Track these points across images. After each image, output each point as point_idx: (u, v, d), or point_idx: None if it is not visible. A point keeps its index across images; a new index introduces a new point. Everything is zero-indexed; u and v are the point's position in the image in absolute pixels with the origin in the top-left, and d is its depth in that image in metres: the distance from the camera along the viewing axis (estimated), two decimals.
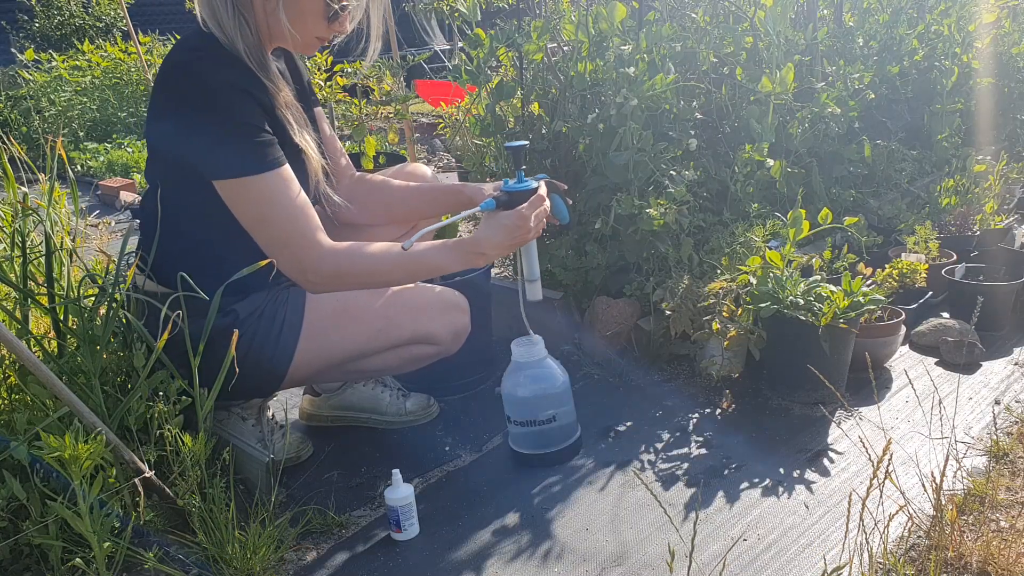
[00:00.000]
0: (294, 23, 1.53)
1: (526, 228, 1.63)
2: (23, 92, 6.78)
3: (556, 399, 1.78)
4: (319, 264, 1.56)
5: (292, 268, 1.57)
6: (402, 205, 1.90)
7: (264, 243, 1.55)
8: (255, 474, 1.71)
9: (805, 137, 2.57)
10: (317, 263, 1.55)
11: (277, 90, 1.56)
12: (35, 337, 1.67)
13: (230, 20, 1.48)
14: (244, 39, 1.50)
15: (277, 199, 1.52)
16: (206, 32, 1.52)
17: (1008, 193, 3.00)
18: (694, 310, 2.09)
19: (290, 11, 1.51)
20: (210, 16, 1.50)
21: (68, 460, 1.26)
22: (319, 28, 1.55)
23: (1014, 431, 1.80)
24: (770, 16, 2.49)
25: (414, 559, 1.53)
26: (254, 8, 1.52)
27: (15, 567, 1.45)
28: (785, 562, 1.44)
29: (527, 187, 1.67)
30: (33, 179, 2.72)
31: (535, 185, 1.69)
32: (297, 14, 1.52)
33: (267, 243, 1.55)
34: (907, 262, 2.33)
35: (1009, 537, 1.43)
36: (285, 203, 1.52)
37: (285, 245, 1.54)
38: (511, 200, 1.67)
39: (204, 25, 1.53)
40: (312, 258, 1.55)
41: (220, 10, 1.48)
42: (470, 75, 2.36)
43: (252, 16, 1.52)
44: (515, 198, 1.67)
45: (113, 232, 4.14)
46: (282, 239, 1.54)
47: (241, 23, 1.49)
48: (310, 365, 1.71)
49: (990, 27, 3.31)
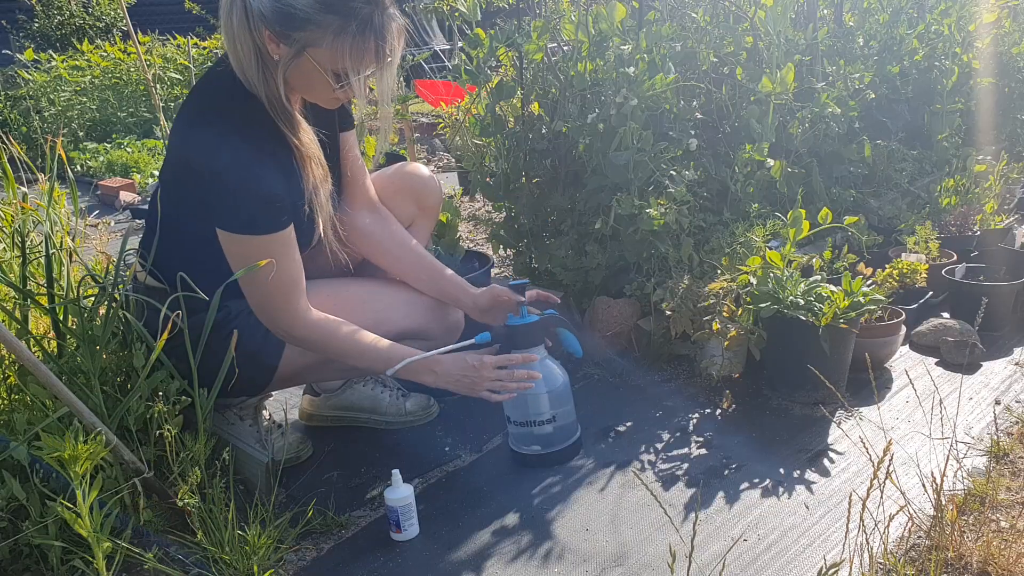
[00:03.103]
0: (304, 91, 1.58)
1: (480, 381, 1.67)
2: (23, 92, 6.79)
3: (556, 399, 1.77)
4: (292, 330, 1.64)
5: (269, 324, 1.65)
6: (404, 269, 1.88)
7: (247, 293, 1.62)
8: (255, 474, 1.71)
9: (805, 137, 2.57)
10: (291, 329, 1.64)
11: (297, 142, 1.58)
12: (35, 337, 1.67)
13: (255, 74, 1.52)
14: (267, 92, 1.53)
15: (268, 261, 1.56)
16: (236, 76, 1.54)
17: (1008, 193, 3.00)
18: (694, 310, 2.09)
19: (298, 80, 1.54)
20: (238, 68, 1.53)
21: (68, 460, 1.26)
22: (328, 93, 1.56)
23: (1014, 431, 1.79)
24: (770, 16, 2.49)
25: (414, 559, 1.53)
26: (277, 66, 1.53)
27: (15, 567, 1.45)
28: (785, 562, 1.44)
29: (529, 321, 1.75)
30: (33, 179, 2.72)
31: (536, 319, 1.76)
32: (306, 84, 1.55)
33: (250, 295, 1.62)
34: (907, 262, 2.33)
35: (1009, 537, 1.43)
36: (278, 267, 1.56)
37: (267, 303, 1.62)
38: (511, 335, 1.74)
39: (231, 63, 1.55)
40: (288, 323, 1.63)
41: (246, 64, 1.51)
42: (470, 75, 2.35)
43: (274, 72, 1.53)
44: (514, 333, 1.74)
45: (113, 232, 4.14)
46: (264, 298, 1.61)
47: (265, 78, 1.52)
48: (301, 359, 1.72)
49: (990, 27, 3.31)
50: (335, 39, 1.46)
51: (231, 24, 1.49)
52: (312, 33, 1.46)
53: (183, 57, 7.12)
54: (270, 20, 1.46)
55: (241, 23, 1.48)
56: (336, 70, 1.50)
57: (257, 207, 1.53)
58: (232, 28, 1.49)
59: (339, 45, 1.47)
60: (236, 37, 1.49)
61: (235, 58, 1.52)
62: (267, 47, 1.49)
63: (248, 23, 1.47)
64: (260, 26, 1.47)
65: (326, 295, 1.72)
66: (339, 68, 1.50)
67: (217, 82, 1.58)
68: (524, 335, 1.76)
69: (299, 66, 1.50)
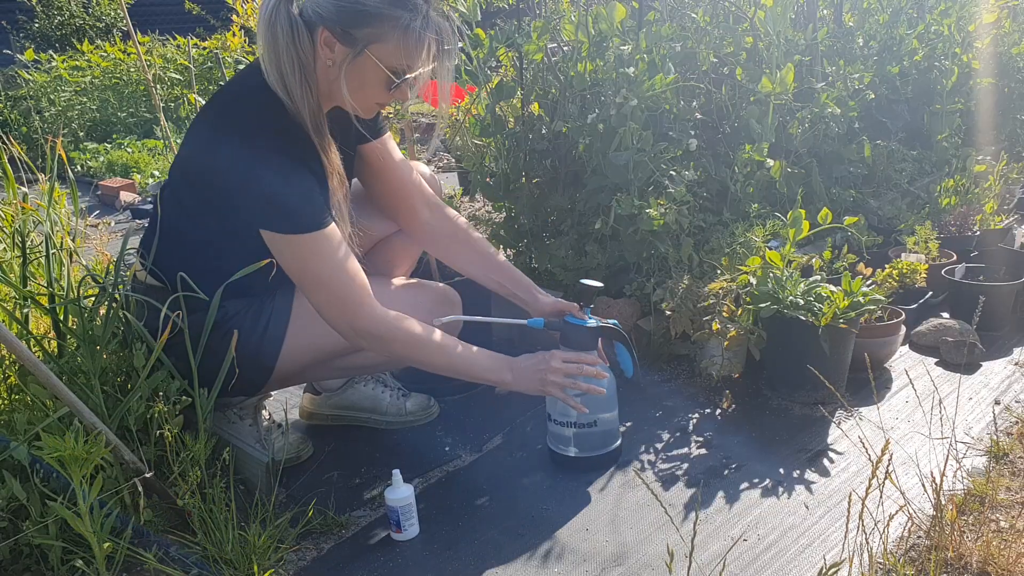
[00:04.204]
0: (354, 93, 1.54)
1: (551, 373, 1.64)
2: (23, 92, 6.79)
3: (600, 402, 1.73)
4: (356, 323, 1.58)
5: (334, 320, 1.60)
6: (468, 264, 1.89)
7: (310, 292, 1.59)
8: (255, 474, 1.71)
9: (805, 137, 2.57)
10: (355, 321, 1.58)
11: (328, 160, 1.57)
12: (35, 337, 1.67)
13: (298, 87, 1.49)
14: (308, 105, 1.51)
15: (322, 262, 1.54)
16: (269, 89, 1.52)
17: (1008, 193, 3.00)
18: (694, 310, 2.09)
19: (352, 82, 1.52)
20: (278, 79, 1.50)
21: (68, 460, 1.26)
22: (380, 96, 1.57)
23: (1014, 431, 1.80)
24: (770, 16, 2.49)
25: (414, 559, 1.53)
26: (317, 75, 1.53)
27: (15, 567, 1.45)
28: (785, 562, 1.44)
29: (582, 324, 1.70)
30: (33, 179, 2.72)
31: (592, 325, 1.71)
32: (359, 85, 1.53)
33: (313, 293, 1.58)
34: (907, 262, 2.33)
35: (1009, 537, 1.43)
36: (333, 263, 1.54)
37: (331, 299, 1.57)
38: (566, 332, 1.71)
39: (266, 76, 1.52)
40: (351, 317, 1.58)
41: (289, 76, 1.49)
42: (470, 75, 2.36)
43: (315, 81, 1.52)
44: (571, 331, 1.70)
45: (113, 232, 4.13)
46: (329, 295, 1.57)
47: (307, 91, 1.50)
48: (299, 358, 1.71)
49: (990, 27, 3.31)
50: (404, 34, 1.47)
51: (275, 34, 1.46)
52: (377, 29, 1.46)
53: (183, 57, 7.12)
54: (331, 19, 1.46)
55: (286, 32, 1.45)
56: (396, 67, 1.50)
57: (301, 202, 1.51)
58: (276, 38, 1.46)
59: (407, 39, 1.47)
60: (280, 47, 1.47)
61: (276, 70, 1.49)
62: (319, 52, 1.49)
63: (294, 31, 1.45)
64: (315, 28, 1.47)
65: None
66: (400, 64, 1.50)
67: (251, 95, 1.55)
68: (580, 335, 1.71)
69: (356, 67, 1.50)
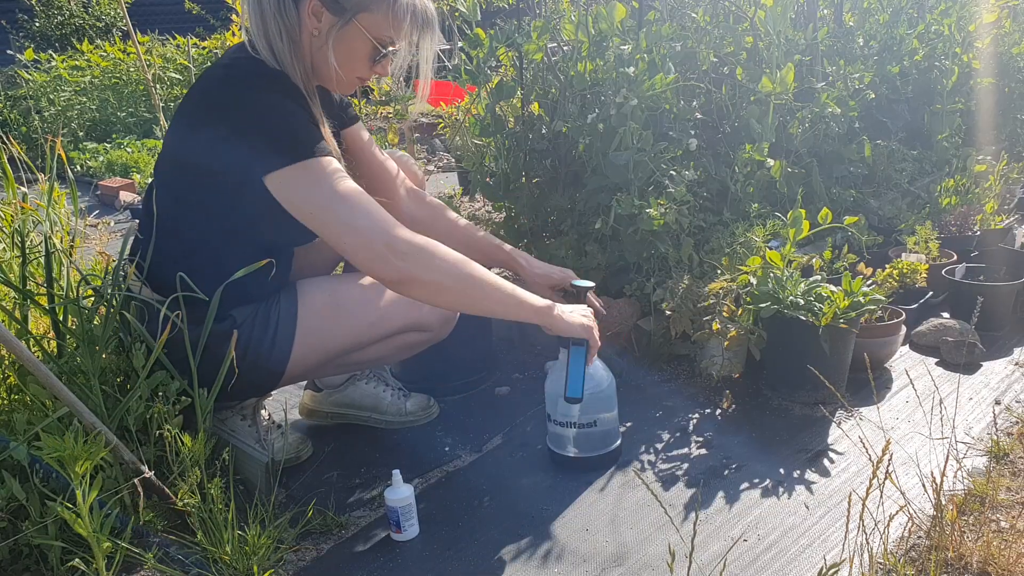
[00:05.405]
0: (341, 64, 1.56)
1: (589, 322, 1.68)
2: (23, 92, 6.79)
3: (600, 402, 1.73)
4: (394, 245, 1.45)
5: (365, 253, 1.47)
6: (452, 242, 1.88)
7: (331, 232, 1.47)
8: (254, 474, 1.71)
9: (805, 137, 2.57)
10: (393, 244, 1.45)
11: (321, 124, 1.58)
12: (35, 337, 1.66)
13: (288, 55, 1.52)
14: (299, 72, 1.55)
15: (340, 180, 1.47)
16: (256, 58, 1.54)
17: (1008, 193, 3.00)
18: (694, 310, 2.09)
19: (339, 53, 1.55)
20: (266, 48, 1.52)
21: (68, 460, 1.26)
22: (363, 69, 1.60)
23: (1014, 431, 1.80)
24: (770, 16, 2.49)
25: (414, 559, 1.53)
26: (303, 46, 1.55)
27: (15, 567, 1.45)
28: (785, 562, 1.44)
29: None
30: (33, 179, 2.72)
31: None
32: (345, 56, 1.56)
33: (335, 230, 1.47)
34: (907, 262, 2.33)
35: (1009, 537, 1.43)
36: (348, 184, 1.48)
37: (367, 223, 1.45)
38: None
39: (253, 49, 1.54)
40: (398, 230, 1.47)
41: (277, 42, 1.52)
42: (470, 75, 2.35)
43: (301, 53, 1.55)
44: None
45: (113, 232, 4.14)
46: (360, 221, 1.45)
47: (296, 59, 1.54)
48: (307, 361, 1.71)
49: (990, 27, 3.31)
50: (392, 2, 1.50)
51: (261, 3, 1.49)
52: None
53: (183, 57, 7.12)
54: None
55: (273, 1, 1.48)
56: (382, 37, 1.53)
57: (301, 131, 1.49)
58: (263, 7, 1.49)
59: (396, 8, 1.50)
60: (268, 16, 1.49)
61: (264, 39, 1.52)
62: (304, 22, 1.51)
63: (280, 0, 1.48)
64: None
65: (324, 293, 1.72)
66: (387, 35, 1.53)
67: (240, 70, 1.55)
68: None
69: (343, 36, 1.52)
